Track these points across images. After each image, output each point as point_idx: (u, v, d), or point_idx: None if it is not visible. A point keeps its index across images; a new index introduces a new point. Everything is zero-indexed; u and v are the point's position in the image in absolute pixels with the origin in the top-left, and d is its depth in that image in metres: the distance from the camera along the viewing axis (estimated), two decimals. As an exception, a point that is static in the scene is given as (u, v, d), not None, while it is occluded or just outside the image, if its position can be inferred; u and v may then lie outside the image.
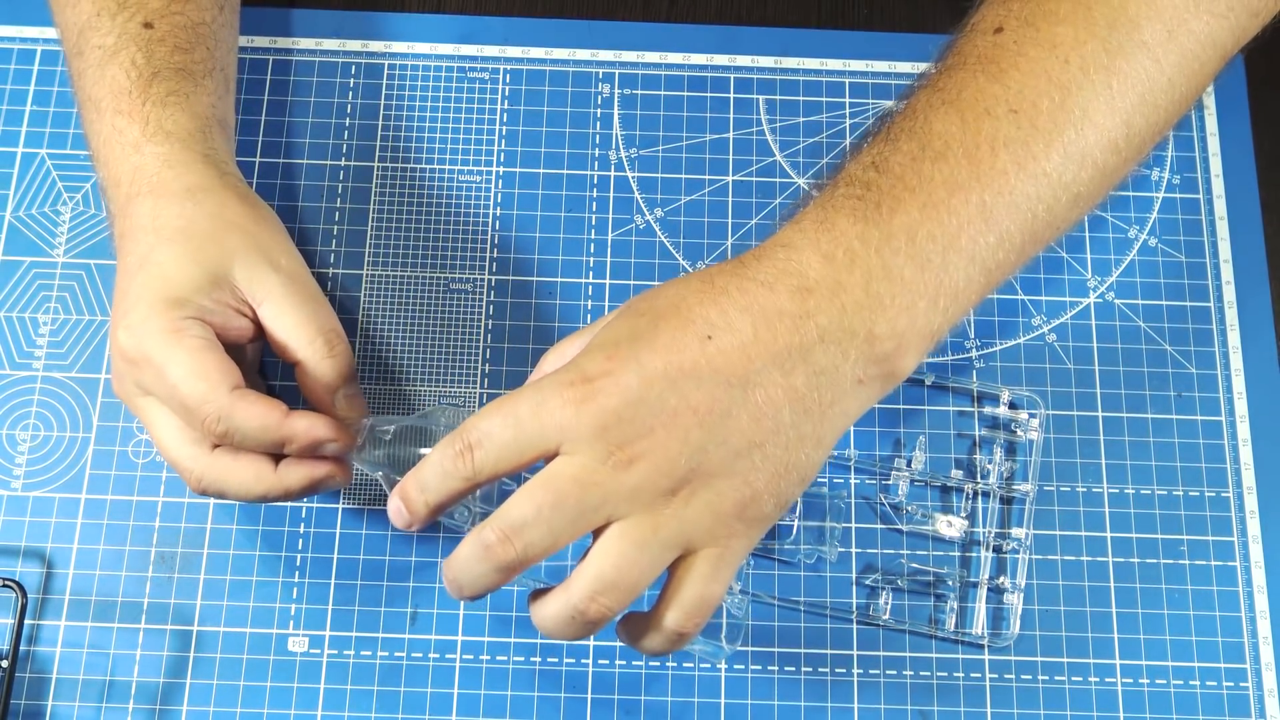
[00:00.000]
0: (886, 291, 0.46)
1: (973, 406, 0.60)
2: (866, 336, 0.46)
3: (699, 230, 0.63)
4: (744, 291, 0.46)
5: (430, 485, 0.45)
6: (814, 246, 0.47)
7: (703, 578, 0.45)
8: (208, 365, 0.49)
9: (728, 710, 0.56)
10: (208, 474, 0.51)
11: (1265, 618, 0.57)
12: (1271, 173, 0.65)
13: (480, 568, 0.45)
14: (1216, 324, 0.62)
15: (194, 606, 0.57)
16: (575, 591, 0.44)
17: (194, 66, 0.56)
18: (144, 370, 0.50)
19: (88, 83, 0.55)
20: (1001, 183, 0.48)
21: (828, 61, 0.67)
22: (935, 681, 0.56)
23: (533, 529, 0.43)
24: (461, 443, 0.44)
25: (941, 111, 0.49)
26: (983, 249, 0.48)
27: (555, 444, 0.44)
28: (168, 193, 0.52)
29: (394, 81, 0.66)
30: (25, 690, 0.55)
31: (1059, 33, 0.49)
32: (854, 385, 0.46)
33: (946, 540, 0.58)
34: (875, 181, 0.48)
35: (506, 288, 0.62)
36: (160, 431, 0.51)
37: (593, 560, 0.44)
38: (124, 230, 0.53)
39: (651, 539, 0.44)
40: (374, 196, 0.64)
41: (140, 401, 0.52)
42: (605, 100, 0.66)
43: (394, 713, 0.55)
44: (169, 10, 0.56)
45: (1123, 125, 0.50)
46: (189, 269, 0.51)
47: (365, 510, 0.58)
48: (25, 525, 0.58)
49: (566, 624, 0.45)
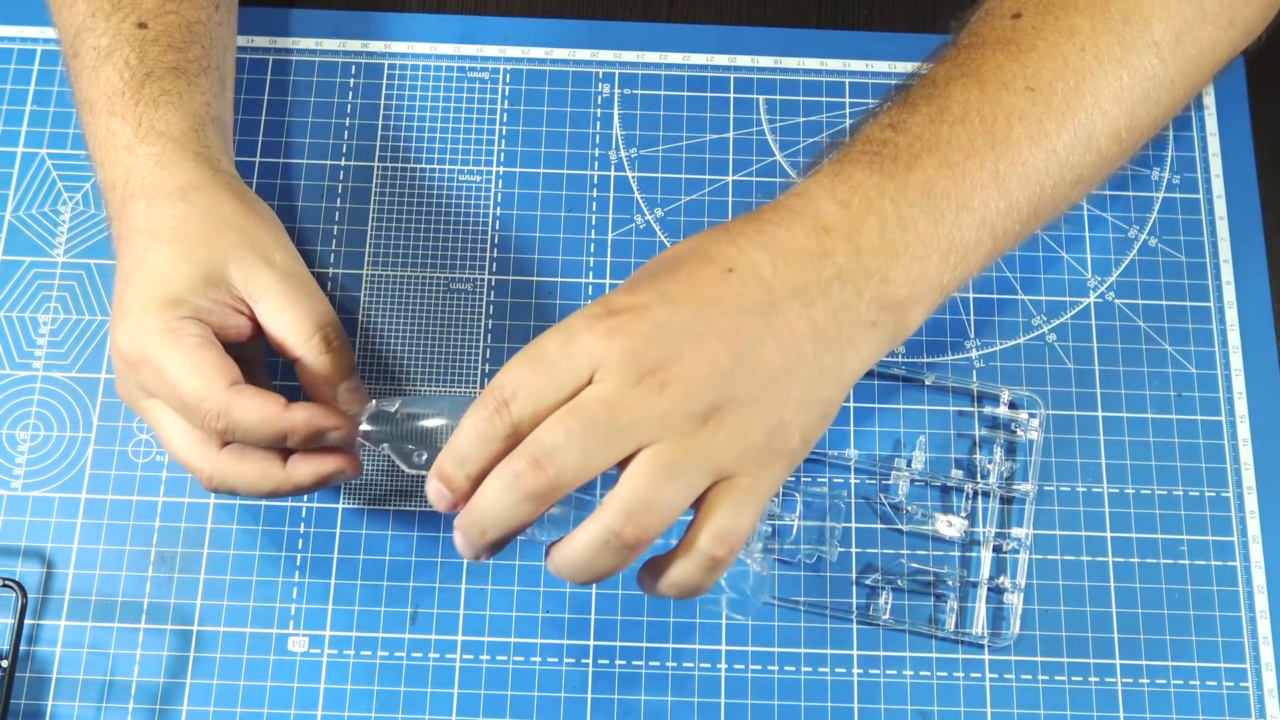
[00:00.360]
0: (900, 240, 0.47)
1: (973, 406, 0.60)
2: (881, 279, 0.47)
3: (699, 230, 0.63)
4: (760, 232, 0.47)
5: (469, 455, 0.44)
6: (829, 194, 0.48)
7: (735, 504, 0.45)
8: (204, 362, 0.49)
9: (728, 710, 0.56)
10: (217, 473, 0.51)
11: (1265, 618, 0.57)
12: (1271, 173, 0.65)
13: (507, 500, 0.43)
14: (1216, 324, 0.62)
15: (194, 606, 0.57)
16: (610, 513, 0.43)
17: (188, 65, 0.56)
18: (144, 371, 0.50)
19: (83, 85, 0.55)
20: (1015, 153, 0.49)
21: (828, 61, 0.67)
22: (935, 681, 0.56)
23: (564, 452, 0.43)
24: (494, 400, 0.44)
25: (961, 82, 0.50)
26: (993, 214, 0.49)
27: (588, 375, 0.44)
28: (160, 193, 0.52)
29: (394, 81, 0.66)
30: (25, 690, 0.55)
31: (1076, 22, 0.51)
32: (868, 326, 0.47)
33: (946, 540, 0.58)
34: (892, 140, 0.49)
35: (506, 288, 0.62)
36: (167, 433, 0.51)
37: (625, 483, 0.43)
38: (120, 233, 0.53)
39: (684, 462, 0.43)
40: (374, 196, 0.64)
41: (145, 404, 0.52)
42: (605, 100, 0.66)
43: (394, 713, 0.55)
44: (163, 10, 0.56)
45: (1127, 116, 0.52)
46: (183, 269, 0.51)
47: (365, 510, 0.58)
48: (25, 525, 0.58)
49: (600, 549, 0.44)
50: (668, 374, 0.43)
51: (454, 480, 0.45)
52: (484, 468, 0.44)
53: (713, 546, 0.45)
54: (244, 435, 0.49)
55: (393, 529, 0.58)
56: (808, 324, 0.46)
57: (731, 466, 0.45)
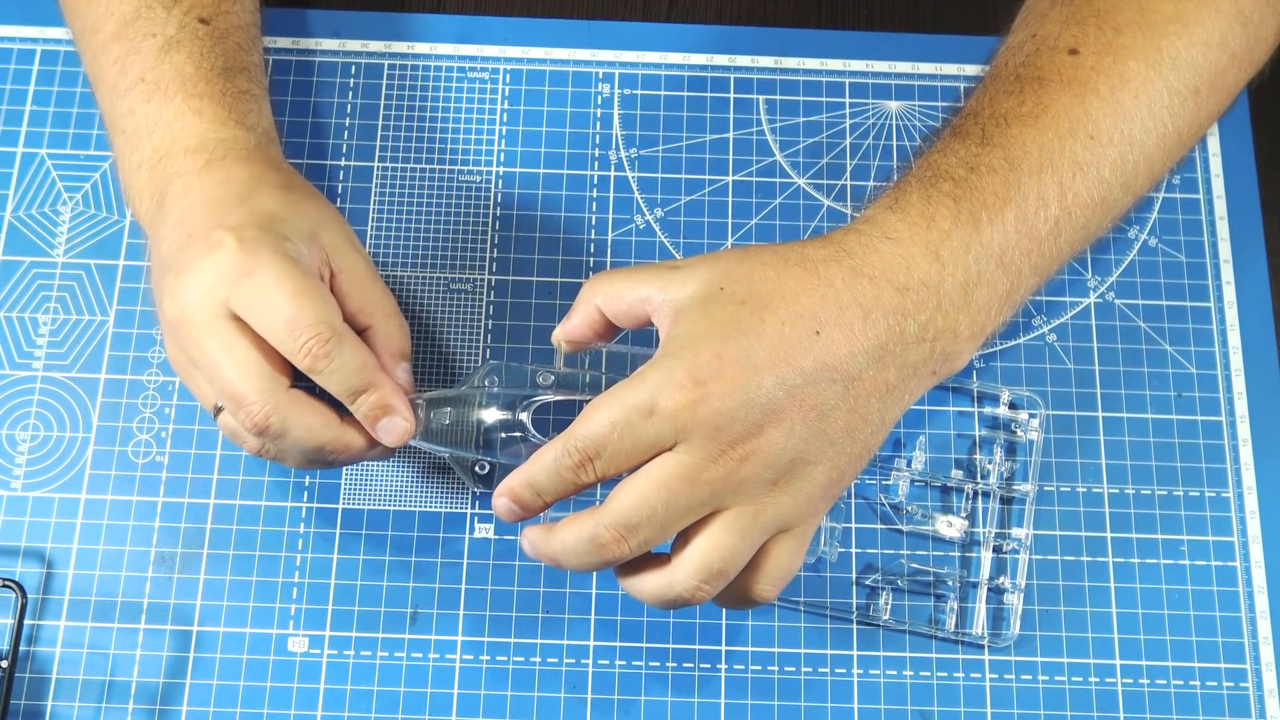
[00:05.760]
0: (976, 298, 0.49)
1: (973, 406, 0.60)
2: (953, 334, 0.49)
3: (699, 230, 0.63)
4: (850, 286, 0.47)
5: (546, 488, 0.47)
6: (921, 243, 0.49)
7: (790, 552, 0.48)
8: (323, 291, 0.49)
9: (728, 710, 0.56)
10: (278, 410, 0.48)
11: (1265, 618, 0.57)
12: (1271, 173, 0.65)
13: (590, 560, 0.47)
14: (1216, 324, 0.62)
15: (194, 606, 0.57)
16: (680, 579, 0.46)
17: (254, 70, 0.57)
18: (249, 282, 0.47)
19: (137, 67, 0.55)
20: (1076, 205, 0.51)
21: (828, 61, 0.67)
22: (935, 681, 0.56)
23: (646, 528, 0.45)
24: (579, 455, 0.45)
25: (1033, 125, 0.51)
26: (1047, 262, 0.51)
27: (670, 443, 0.45)
28: (263, 161, 0.53)
29: (394, 81, 0.66)
30: (25, 690, 0.55)
31: (1131, 67, 0.53)
32: (929, 376, 0.49)
33: (946, 540, 0.58)
34: (976, 184, 0.50)
35: (506, 288, 0.62)
36: (237, 356, 0.48)
37: (700, 549, 0.46)
38: (204, 185, 0.51)
39: (753, 526, 0.46)
40: (374, 196, 0.64)
41: (220, 323, 0.48)
42: (605, 100, 0.66)
43: (394, 713, 0.55)
44: (220, 9, 0.57)
45: (1164, 159, 0.54)
46: (293, 216, 0.51)
47: (365, 510, 0.58)
48: (25, 525, 0.58)
49: (667, 603, 0.48)
50: (748, 447, 0.45)
51: (529, 505, 0.48)
52: (559, 498, 0.48)
53: (768, 594, 0.48)
54: (336, 370, 0.48)
55: (393, 529, 0.58)
56: (881, 385, 0.47)
57: (792, 521, 0.47)
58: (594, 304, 0.50)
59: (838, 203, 0.64)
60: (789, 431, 0.45)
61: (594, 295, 0.50)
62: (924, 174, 0.51)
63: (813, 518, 0.48)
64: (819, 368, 0.46)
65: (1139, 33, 0.53)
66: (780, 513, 0.46)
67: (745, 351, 0.45)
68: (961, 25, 0.68)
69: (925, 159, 0.52)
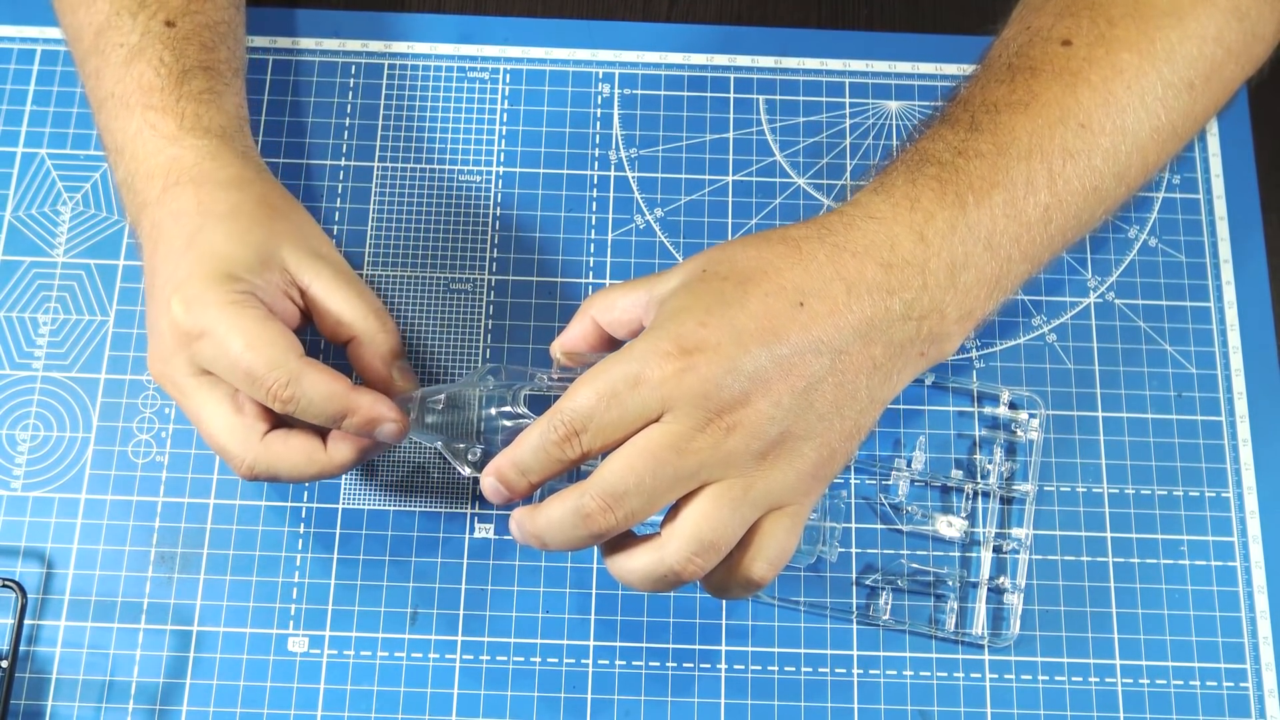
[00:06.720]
0: (963, 279, 0.49)
1: (973, 406, 0.60)
2: (939, 314, 0.49)
3: (699, 230, 0.63)
4: (833, 260, 0.47)
5: (532, 467, 0.47)
6: (905, 223, 0.49)
7: (785, 531, 0.47)
8: (274, 333, 0.49)
9: (728, 710, 0.56)
10: (260, 459, 0.50)
11: (1265, 618, 0.57)
12: (1271, 173, 0.65)
13: (575, 533, 0.46)
14: (1216, 324, 0.62)
15: (194, 606, 0.57)
16: (671, 553, 0.46)
17: (220, 66, 0.56)
18: (202, 343, 0.49)
19: (109, 80, 0.55)
20: (1066, 192, 0.51)
21: (828, 61, 0.67)
22: (935, 681, 0.56)
23: (634, 498, 0.45)
24: (564, 428, 0.45)
25: (1022, 113, 0.52)
26: (1038, 248, 0.51)
27: (657, 414, 0.45)
28: (212, 181, 0.52)
29: (394, 81, 0.66)
30: (25, 690, 0.55)
31: (1125, 59, 0.53)
32: (917, 357, 0.49)
33: (946, 540, 0.58)
34: (963, 167, 0.50)
35: (506, 288, 0.62)
36: (210, 416, 0.50)
37: (688, 521, 0.45)
38: (160, 218, 0.52)
39: (743, 500, 0.46)
40: (374, 196, 0.64)
41: (190, 382, 0.50)
42: (605, 100, 0.66)
43: (394, 713, 0.55)
44: (189, 9, 0.57)
45: (1157, 152, 0.54)
46: (240, 248, 0.50)
47: (365, 510, 0.58)
48: (25, 525, 0.58)
49: (657, 581, 0.47)
50: (735, 417, 0.45)
51: (515, 485, 0.47)
52: (546, 478, 0.47)
53: (764, 575, 0.47)
54: (306, 408, 0.49)
55: (393, 529, 0.58)
56: (868, 361, 0.47)
57: (785, 498, 0.47)
58: (589, 315, 0.51)
59: (838, 203, 0.64)
60: (776, 402, 0.45)
61: (589, 308, 0.51)
62: (911, 159, 0.51)
63: (805, 497, 0.47)
64: (805, 338, 0.46)
65: (1133, 25, 0.53)
66: (770, 488, 0.46)
67: (730, 321, 0.45)
68: (961, 25, 0.68)
69: (913, 145, 0.52)
